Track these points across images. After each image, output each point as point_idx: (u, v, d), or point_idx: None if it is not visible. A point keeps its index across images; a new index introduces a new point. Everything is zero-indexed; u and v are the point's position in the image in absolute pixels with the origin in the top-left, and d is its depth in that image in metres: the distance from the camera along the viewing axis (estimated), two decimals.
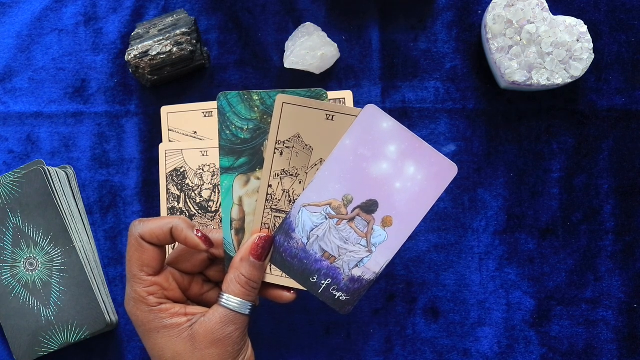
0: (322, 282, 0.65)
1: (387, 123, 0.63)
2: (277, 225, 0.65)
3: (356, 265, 0.65)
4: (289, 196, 0.65)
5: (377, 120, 0.62)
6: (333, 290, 0.65)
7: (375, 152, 0.63)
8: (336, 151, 0.63)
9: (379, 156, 0.63)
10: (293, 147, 0.64)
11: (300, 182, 0.65)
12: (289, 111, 0.64)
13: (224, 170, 0.65)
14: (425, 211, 0.63)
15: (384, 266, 0.64)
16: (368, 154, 0.63)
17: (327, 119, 0.63)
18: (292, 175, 0.65)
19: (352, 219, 0.64)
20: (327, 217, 0.64)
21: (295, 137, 0.64)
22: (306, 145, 0.64)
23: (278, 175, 0.65)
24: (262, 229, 0.66)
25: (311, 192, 0.64)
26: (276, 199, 0.65)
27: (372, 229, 0.64)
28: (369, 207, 0.64)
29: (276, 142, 0.64)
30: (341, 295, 0.65)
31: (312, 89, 0.63)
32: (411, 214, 0.63)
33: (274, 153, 0.64)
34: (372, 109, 0.62)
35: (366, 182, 0.63)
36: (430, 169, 0.63)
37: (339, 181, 0.63)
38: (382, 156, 0.63)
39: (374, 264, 0.64)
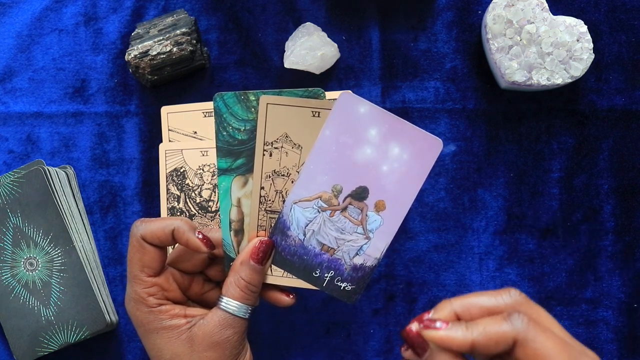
0: (325, 275, 0.65)
1: (364, 107, 0.62)
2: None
3: (356, 254, 0.64)
4: (283, 196, 0.65)
5: (353, 106, 0.62)
6: (337, 281, 0.65)
7: (357, 138, 0.62)
8: (318, 143, 0.63)
9: (361, 142, 0.62)
10: (282, 147, 0.64)
11: (292, 182, 0.65)
12: (274, 111, 0.63)
13: (222, 171, 0.65)
14: (417, 190, 0.62)
15: (384, 250, 0.64)
16: (350, 141, 0.62)
17: (314, 115, 0.63)
18: (283, 175, 0.64)
19: (344, 209, 0.64)
20: (320, 210, 0.64)
21: (283, 136, 0.64)
22: (295, 144, 0.64)
23: (269, 177, 0.65)
24: (259, 231, 0.66)
25: (300, 188, 0.64)
26: (270, 200, 0.65)
27: (366, 215, 0.63)
28: (360, 194, 0.63)
29: (264, 144, 0.64)
30: (346, 285, 0.65)
31: (310, 89, 0.63)
32: (403, 195, 0.63)
33: (263, 155, 0.64)
34: (347, 96, 0.62)
35: (353, 169, 0.63)
36: (415, 146, 0.62)
37: (326, 173, 0.63)
38: (365, 141, 0.62)
39: (374, 250, 0.64)
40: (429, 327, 0.53)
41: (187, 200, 0.77)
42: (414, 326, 0.54)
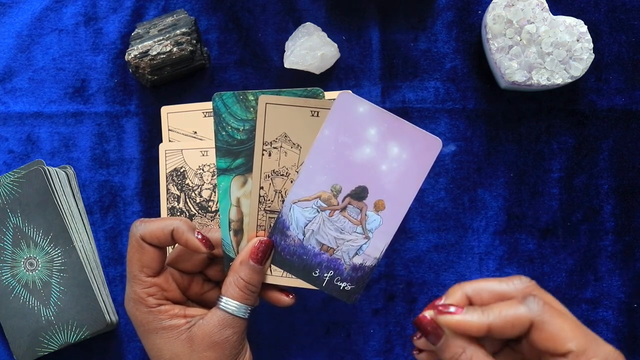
0: (325, 275, 0.65)
1: (364, 107, 0.62)
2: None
3: (356, 254, 0.64)
4: (282, 196, 0.65)
5: (352, 106, 0.62)
6: (337, 281, 0.65)
7: (356, 138, 0.62)
8: (317, 143, 0.63)
9: (360, 141, 0.62)
10: (281, 146, 0.64)
11: (291, 181, 0.65)
12: (273, 111, 0.63)
13: (221, 171, 0.65)
14: (416, 189, 0.62)
15: (384, 250, 0.64)
16: (349, 140, 0.62)
17: (313, 115, 0.63)
18: (282, 175, 0.65)
19: (344, 208, 0.64)
20: (319, 210, 0.64)
21: (282, 136, 0.64)
22: (294, 144, 0.64)
23: (269, 177, 0.65)
24: (258, 231, 0.66)
25: (299, 188, 0.64)
26: (269, 200, 0.65)
27: (366, 215, 0.63)
28: (359, 194, 0.63)
29: (263, 144, 0.64)
30: (346, 285, 0.65)
31: (309, 89, 0.63)
32: (402, 195, 0.63)
33: (262, 155, 0.64)
34: (345, 96, 0.62)
35: (352, 169, 0.63)
36: (414, 146, 0.62)
37: (325, 172, 0.63)
38: (364, 141, 0.62)
39: (373, 250, 0.64)
40: (444, 313, 0.53)
41: (187, 200, 0.77)
42: (427, 313, 0.55)
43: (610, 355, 0.52)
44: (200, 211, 0.77)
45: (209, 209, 0.77)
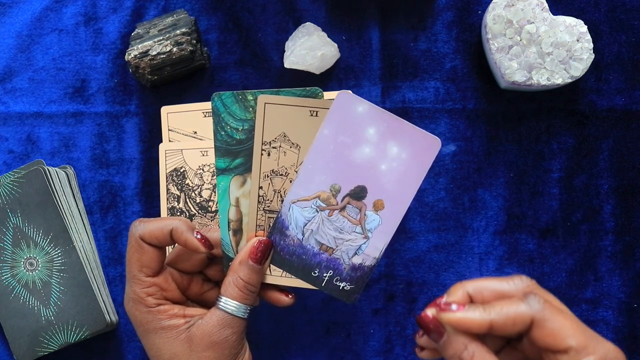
0: (324, 274, 0.65)
1: (363, 107, 0.62)
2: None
3: (355, 254, 0.64)
4: (281, 196, 0.65)
5: (352, 106, 0.62)
6: (336, 281, 0.65)
7: (355, 138, 0.62)
8: (316, 142, 0.63)
9: (359, 141, 0.62)
10: (280, 146, 0.64)
11: (290, 181, 0.65)
12: (272, 111, 0.63)
13: (220, 171, 0.65)
14: (415, 189, 0.62)
15: (383, 250, 0.64)
16: (348, 140, 0.62)
17: (312, 115, 0.63)
18: (281, 175, 0.65)
19: (343, 208, 0.64)
20: (318, 209, 0.64)
21: (281, 136, 0.64)
22: (293, 143, 0.64)
23: (268, 177, 0.65)
24: (257, 231, 0.66)
25: (298, 188, 0.64)
26: (268, 200, 0.65)
27: (365, 214, 0.63)
28: (358, 194, 0.63)
29: (262, 144, 0.64)
30: (345, 285, 0.65)
31: (308, 88, 0.63)
32: (402, 194, 0.63)
33: (261, 154, 0.64)
34: (344, 95, 0.62)
35: (351, 169, 0.63)
36: (414, 146, 0.62)
37: (324, 172, 0.63)
38: (363, 140, 0.62)
39: (373, 250, 0.64)
40: (446, 310, 0.54)
41: (187, 200, 0.77)
42: (429, 311, 0.55)
43: (610, 353, 0.52)
44: (200, 211, 0.77)
45: (209, 209, 0.77)
